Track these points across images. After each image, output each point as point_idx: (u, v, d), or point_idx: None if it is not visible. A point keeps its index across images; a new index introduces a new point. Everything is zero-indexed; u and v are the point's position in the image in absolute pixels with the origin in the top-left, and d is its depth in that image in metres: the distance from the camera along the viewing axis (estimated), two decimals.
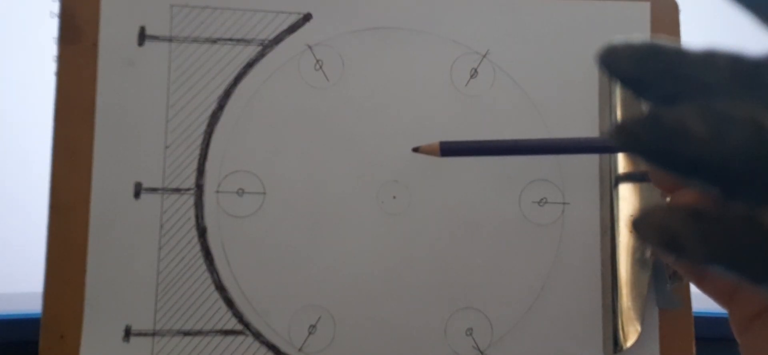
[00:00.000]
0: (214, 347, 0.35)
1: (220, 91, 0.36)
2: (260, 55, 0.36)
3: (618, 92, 0.37)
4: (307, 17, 0.37)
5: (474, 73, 0.37)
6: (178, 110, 0.36)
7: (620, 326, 0.35)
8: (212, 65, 0.36)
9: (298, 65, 0.37)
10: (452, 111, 0.37)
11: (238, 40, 0.36)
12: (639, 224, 0.16)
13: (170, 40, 0.36)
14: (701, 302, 0.37)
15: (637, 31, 0.38)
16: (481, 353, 0.36)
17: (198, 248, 0.35)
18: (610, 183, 0.36)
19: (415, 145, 0.36)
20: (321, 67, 0.37)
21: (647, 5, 0.38)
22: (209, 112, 0.36)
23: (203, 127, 0.36)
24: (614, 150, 0.29)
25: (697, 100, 0.15)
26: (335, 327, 0.35)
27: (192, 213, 0.35)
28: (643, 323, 0.35)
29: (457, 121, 0.37)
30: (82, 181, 0.35)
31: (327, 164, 0.36)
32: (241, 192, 0.36)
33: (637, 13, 0.38)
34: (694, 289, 0.36)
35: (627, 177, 0.32)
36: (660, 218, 0.16)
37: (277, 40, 0.37)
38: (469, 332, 0.36)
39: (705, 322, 0.38)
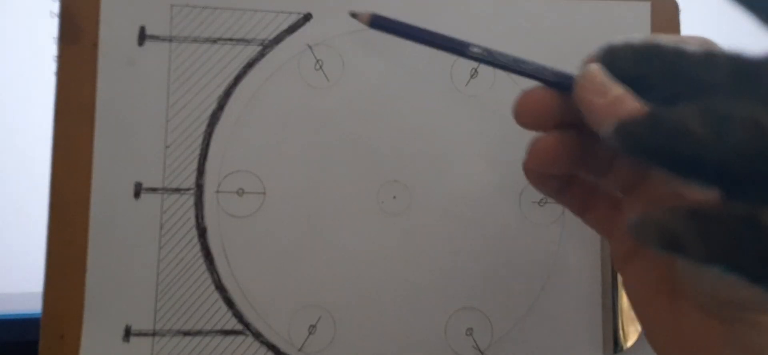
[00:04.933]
0: (215, 347, 0.35)
1: (220, 91, 0.36)
2: (260, 55, 0.36)
3: None
4: (307, 17, 0.37)
5: (474, 73, 0.37)
6: (178, 110, 0.36)
7: (620, 326, 0.35)
8: (212, 65, 0.36)
9: (298, 65, 0.37)
10: (452, 111, 0.37)
11: (239, 40, 0.36)
12: (639, 224, 0.16)
13: (170, 39, 0.36)
14: None
15: (637, 31, 0.38)
16: (481, 352, 0.36)
17: (198, 247, 0.35)
18: None
19: (416, 146, 0.36)
20: (321, 67, 0.37)
21: (647, 5, 0.38)
22: (209, 112, 0.36)
23: (203, 127, 0.36)
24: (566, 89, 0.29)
25: (696, 100, 0.15)
26: (335, 327, 0.35)
27: (192, 213, 0.35)
28: None
29: (457, 121, 0.37)
30: (82, 181, 0.35)
31: (327, 164, 0.36)
32: (241, 192, 0.36)
33: (637, 13, 0.38)
34: None
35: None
36: (660, 218, 0.16)
37: (278, 40, 0.37)
38: (469, 331, 0.36)
39: None
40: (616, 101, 0.25)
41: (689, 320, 0.25)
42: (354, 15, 0.33)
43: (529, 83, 0.30)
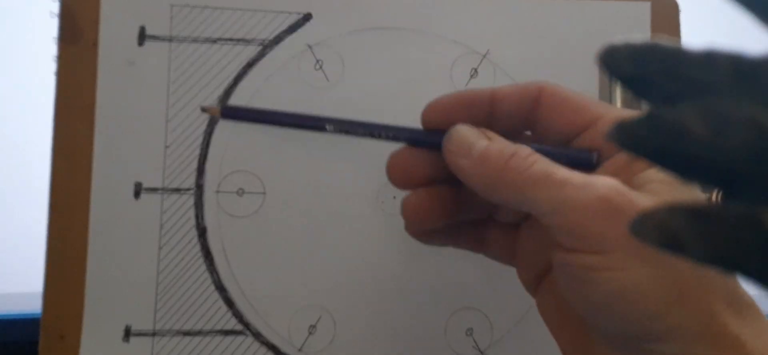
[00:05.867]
0: (214, 347, 0.35)
1: (220, 91, 0.36)
2: (260, 55, 0.36)
3: (618, 92, 0.37)
4: (307, 17, 0.37)
5: (474, 73, 0.37)
6: (178, 110, 0.36)
7: None
8: (212, 65, 0.36)
9: (298, 65, 0.37)
10: None
11: (238, 40, 0.36)
12: (639, 224, 0.16)
13: (170, 40, 0.36)
14: None
15: (638, 31, 0.38)
16: (482, 353, 0.36)
17: (198, 248, 0.35)
18: None
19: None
20: (321, 67, 0.37)
21: (647, 5, 0.38)
22: None
23: (203, 127, 0.36)
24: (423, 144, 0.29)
25: (697, 100, 0.15)
26: (335, 327, 0.35)
27: (192, 213, 0.35)
28: None
29: None
30: (82, 181, 0.35)
31: (327, 164, 0.36)
32: (241, 192, 0.36)
33: (638, 13, 0.38)
34: None
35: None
36: (660, 218, 0.16)
37: (277, 40, 0.37)
38: (470, 332, 0.36)
39: None
40: (480, 159, 0.25)
41: (597, 349, 0.26)
42: (204, 109, 0.35)
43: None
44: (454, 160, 0.27)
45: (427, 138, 0.29)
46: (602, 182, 0.23)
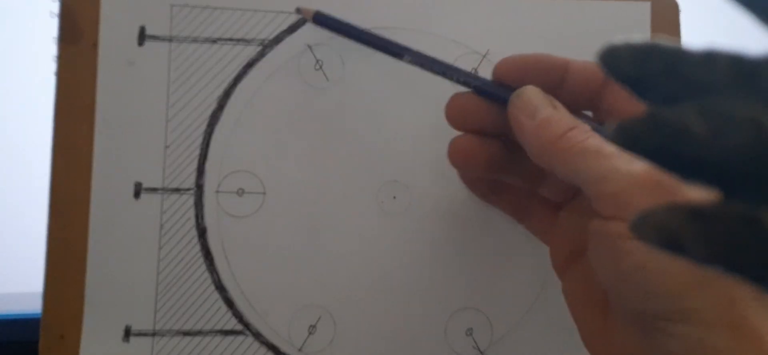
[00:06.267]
0: (214, 347, 0.35)
1: (220, 91, 0.36)
2: (260, 55, 0.36)
3: None
4: None
5: (474, 72, 0.37)
6: (178, 110, 0.36)
7: None
8: (212, 65, 0.36)
9: (298, 65, 0.37)
10: None
11: (238, 40, 0.36)
12: (639, 224, 0.16)
13: (170, 40, 0.36)
14: None
15: (637, 31, 0.38)
16: (481, 353, 0.36)
17: (198, 248, 0.35)
18: None
19: (416, 146, 0.36)
20: (321, 67, 0.37)
21: (647, 5, 0.38)
22: (209, 112, 0.36)
23: (203, 127, 0.36)
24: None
25: (697, 100, 0.15)
26: (335, 327, 0.35)
27: (192, 213, 0.35)
28: None
29: None
30: (82, 181, 0.35)
31: (327, 164, 0.36)
32: (241, 192, 0.36)
33: (637, 13, 0.38)
34: None
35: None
36: (660, 218, 0.16)
37: (277, 40, 0.37)
38: (469, 332, 0.36)
39: None
40: (542, 124, 0.26)
41: (619, 331, 0.26)
42: (299, 10, 0.35)
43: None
44: (517, 117, 0.27)
45: (495, 90, 0.30)
46: None
